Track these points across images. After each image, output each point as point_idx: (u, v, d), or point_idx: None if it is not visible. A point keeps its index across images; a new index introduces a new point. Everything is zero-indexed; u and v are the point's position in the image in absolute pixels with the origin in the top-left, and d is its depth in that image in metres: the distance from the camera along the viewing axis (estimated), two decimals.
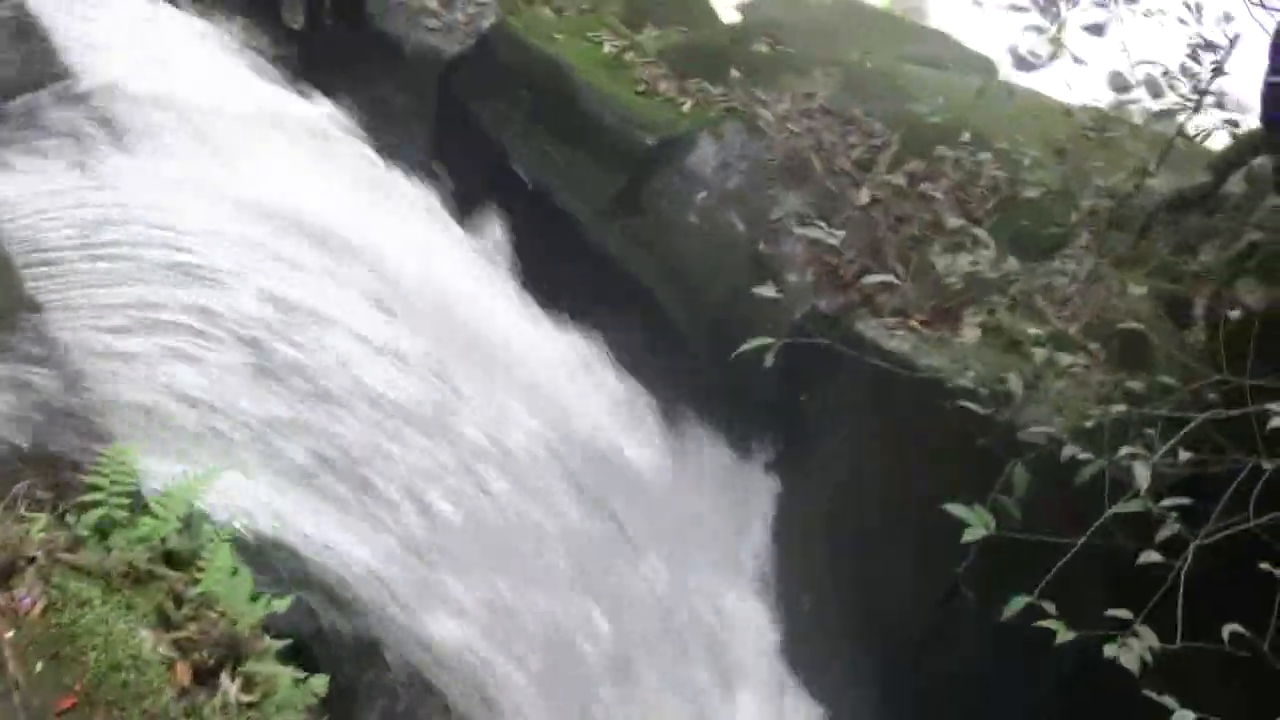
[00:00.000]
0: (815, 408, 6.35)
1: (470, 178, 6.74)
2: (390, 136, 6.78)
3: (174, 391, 3.97)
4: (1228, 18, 4.81)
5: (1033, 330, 5.04)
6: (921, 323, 6.13)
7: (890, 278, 4.74)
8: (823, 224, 4.46)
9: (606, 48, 6.86)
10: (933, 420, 5.36)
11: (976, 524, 2.90)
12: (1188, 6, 5.15)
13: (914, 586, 5.81)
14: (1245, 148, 5.74)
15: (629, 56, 6.84)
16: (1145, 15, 6.77)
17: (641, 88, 6.74)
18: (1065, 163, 7.25)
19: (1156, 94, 14.68)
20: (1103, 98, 15.27)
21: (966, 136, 6.97)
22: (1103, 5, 5.30)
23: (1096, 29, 16.45)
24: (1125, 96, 15.50)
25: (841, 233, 4.35)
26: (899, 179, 7.07)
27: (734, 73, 7.31)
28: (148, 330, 4.05)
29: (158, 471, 3.54)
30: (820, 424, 6.36)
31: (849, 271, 6.43)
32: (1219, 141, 6.03)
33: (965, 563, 3.33)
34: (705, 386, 6.49)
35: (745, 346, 3.54)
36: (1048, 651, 3.18)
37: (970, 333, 4.58)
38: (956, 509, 2.99)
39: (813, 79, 7.44)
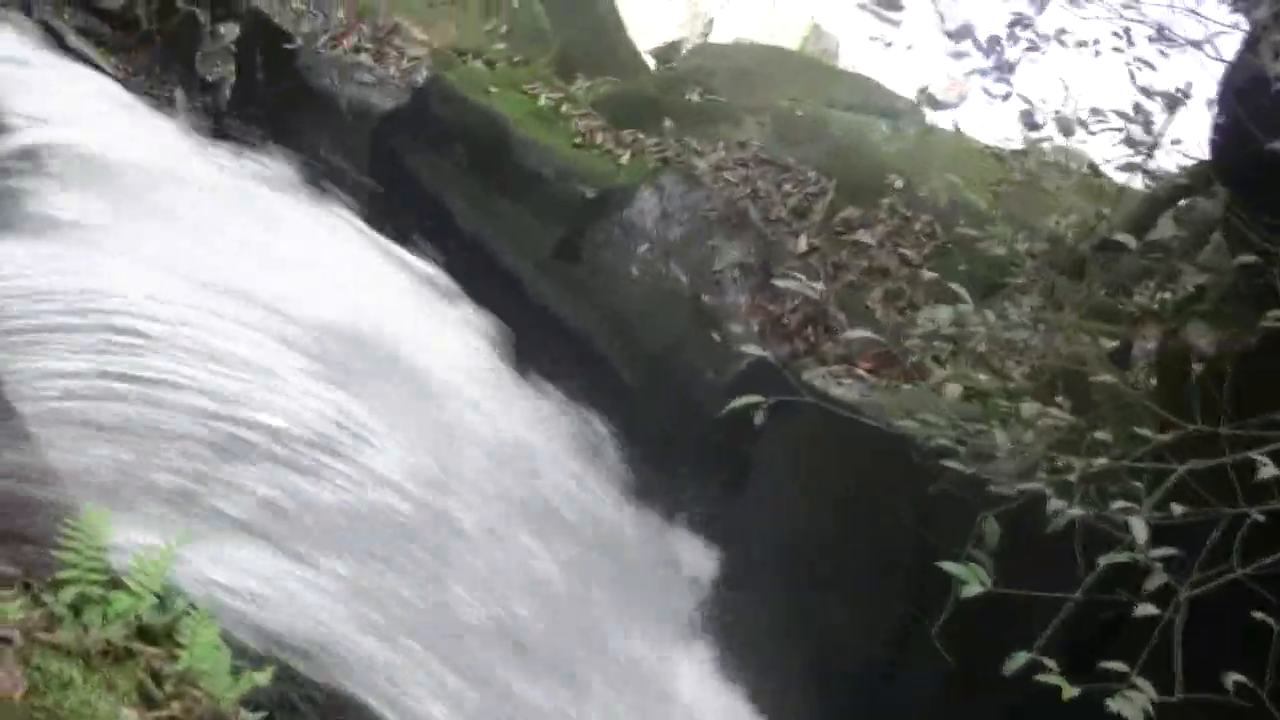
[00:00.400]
0: (762, 453, 6.30)
1: (407, 233, 6.63)
2: (324, 190, 6.66)
3: (132, 459, 3.86)
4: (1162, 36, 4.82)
5: (983, 376, 5.03)
6: (867, 370, 6.11)
7: (868, 332, 4.67)
8: (800, 276, 4.41)
9: (542, 100, 6.86)
10: (882, 465, 5.37)
11: (971, 581, 2.88)
12: (1117, 35, 5.18)
13: (869, 627, 5.77)
14: (1173, 190, 5.80)
15: (565, 108, 6.82)
16: (1079, 46, 6.81)
17: (578, 140, 6.74)
18: (999, 206, 7.28)
19: (1067, 132, 14.90)
20: (1015, 137, 15.52)
21: (899, 182, 6.99)
22: (1034, 48, 5.22)
23: (1007, 68, 16.67)
24: (1035, 135, 15.71)
25: (820, 285, 4.29)
26: (836, 226, 7.04)
27: (667, 122, 7.34)
28: (103, 398, 3.94)
29: (124, 542, 3.45)
30: (768, 469, 6.33)
31: (793, 320, 6.41)
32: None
33: (941, 619, 3.29)
34: (649, 435, 6.40)
35: (734, 404, 3.49)
36: (998, 690, 3.17)
37: (951, 389, 4.55)
38: (951, 567, 2.96)
39: (745, 127, 7.47)
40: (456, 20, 7.58)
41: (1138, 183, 6.22)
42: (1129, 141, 6.10)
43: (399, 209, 6.75)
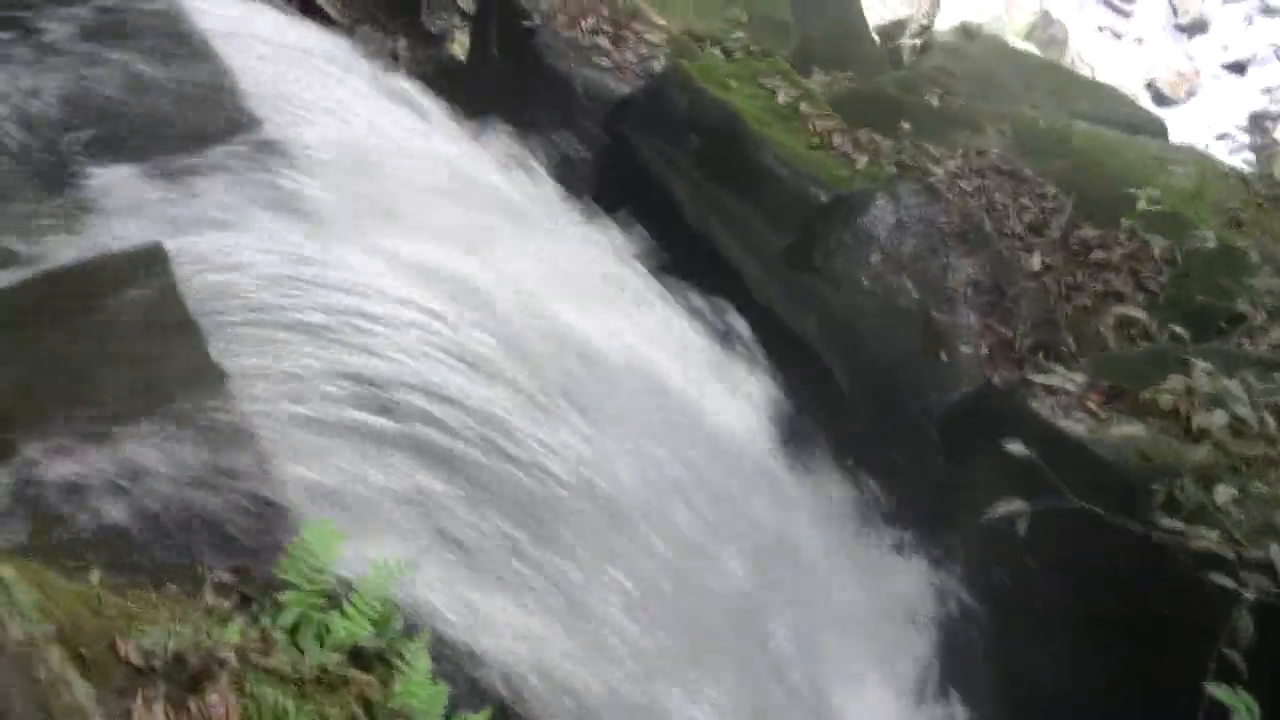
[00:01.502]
0: (977, 484, 6.11)
1: (635, 220, 6.52)
2: (559, 175, 6.58)
3: (359, 471, 3.80)
4: None
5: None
6: (1097, 402, 5.88)
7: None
8: (1059, 368, 4.21)
9: (780, 97, 6.70)
10: (1108, 505, 5.14)
11: (1239, 710, 2.70)
12: None
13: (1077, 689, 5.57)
14: None
15: (803, 107, 6.63)
16: None
17: (816, 141, 6.56)
18: (1242, 234, 6.98)
19: None
20: (1241, 137, 15.05)
21: (1142, 204, 6.71)
22: None
23: (1238, 68, 16.13)
24: (1264, 139, 15.24)
25: (1082, 377, 4.09)
26: (1072, 245, 6.80)
27: (904, 125, 7.12)
28: (336, 403, 3.88)
29: (348, 557, 3.39)
30: (981, 502, 6.12)
31: (1023, 345, 6.19)
32: None
33: None
34: (865, 455, 6.24)
35: (997, 510, 3.32)
36: None
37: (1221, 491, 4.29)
38: (1218, 691, 2.78)
39: (985, 134, 7.24)
40: (694, 5, 7.40)
41: None
42: None
43: (626, 196, 6.57)
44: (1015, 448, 3.81)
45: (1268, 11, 14.01)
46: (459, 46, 10.23)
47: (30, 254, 4.29)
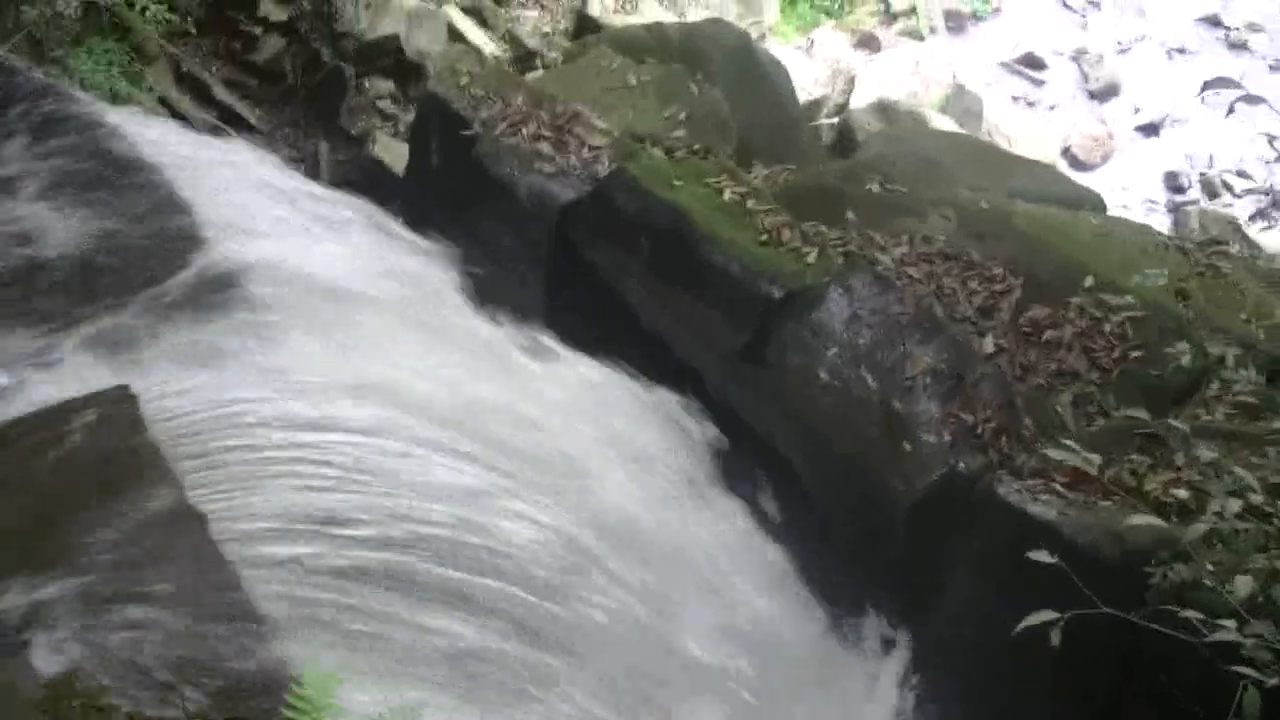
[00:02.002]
0: (945, 568, 6.07)
1: (586, 327, 6.48)
2: (505, 285, 6.54)
3: (351, 607, 3.71)
4: None
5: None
6: (1064, 484, 5.87)
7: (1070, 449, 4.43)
8: (1069, 442, 4.19)
9: (726, 194, 6.71)
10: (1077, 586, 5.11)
11: None
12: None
13: None
14: None
15: (750, 204, 6.63)
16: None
17: (764, 237, 6.54)
18: (1189, 306, 7.02)
19: (1213, 194, 14.56)
20: (1158, 198, 15.22)
21: (1090, 281, 6.75)
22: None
23: (1151, 129, 16.36)
24: (1182, 198, 15.44)
25: (1096, 457, 4.07)
26: (1023, 326, 6.82)
27: (849, 215, 7.12)
28: (320, 540, 3.79)
29: (347, 704, 3.29)
30: (952, 586, 6.09)
31: (986, 430, 6.19)
32: None
33: None
34: (830, 546, 6.20)
35: (1028, 621, 3.27)
36: None
37: (1241, 583, 4.25)
38: None
39: (929, 220, 7.25)
40: (634, 105, 7.40)
41: None
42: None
43: (577, 303, 6.54)
44: (1041, 556, 3.72)
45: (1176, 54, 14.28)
46: (380, 149, 10.22)
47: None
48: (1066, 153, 14.31)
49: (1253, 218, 13.92)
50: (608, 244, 6.66)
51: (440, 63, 7.20)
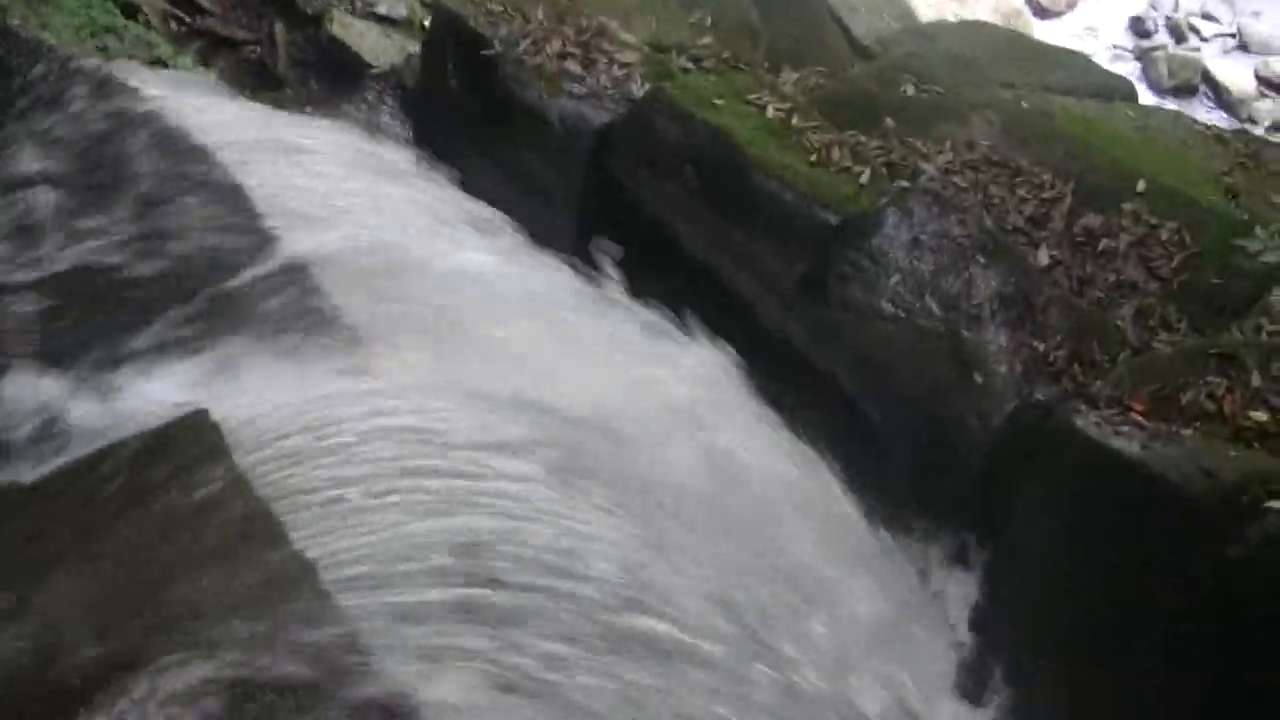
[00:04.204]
0: (1023, 505, 5.85)
1: (628, 260, 6.11)
2: (544, 219, 6.15)
3: (489, 658, 3.40)
4: None
5: None
6: (1140, 412, 5.63)
7: None
8: None
9: (770, 111, 6.32)
10: (1166, 523, 5.08)
11: None
12: None
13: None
14: None
15: (795, 121, 6.25)
16: None
17: (813, 157, 6.17)
18: (1239, 204, 6.78)
19: (1180, 38, 14.34)
20: (1125, 44, 14.99)
21: (1142, 185, 6.47)
22: None
23: None
24: (1148, 43, 15.21)
25: None
26: (1077, 235, 6.55)
27: (888, 121, 6.77)
28: (442, 581, 3.46)
29: None
30: (1024, 524, 5.87)
31: (1058, 358, 5.92)
32: None
33: None
34: (899, 485, 5.94)
35: None
36: None
37: None
38: None
39: (970, 125, 6.92)
40: (656, 13, 6.97)
41: None
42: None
43: (620, 237, 6.16)
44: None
45: None
46: (338, 27, 9.72)
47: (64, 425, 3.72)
48: (1032, 1, 14.00)
49: None
50: (649, 172, 6.30)
51: None
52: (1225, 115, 12.97)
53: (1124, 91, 7.91)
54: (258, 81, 9.59)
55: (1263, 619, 4.72)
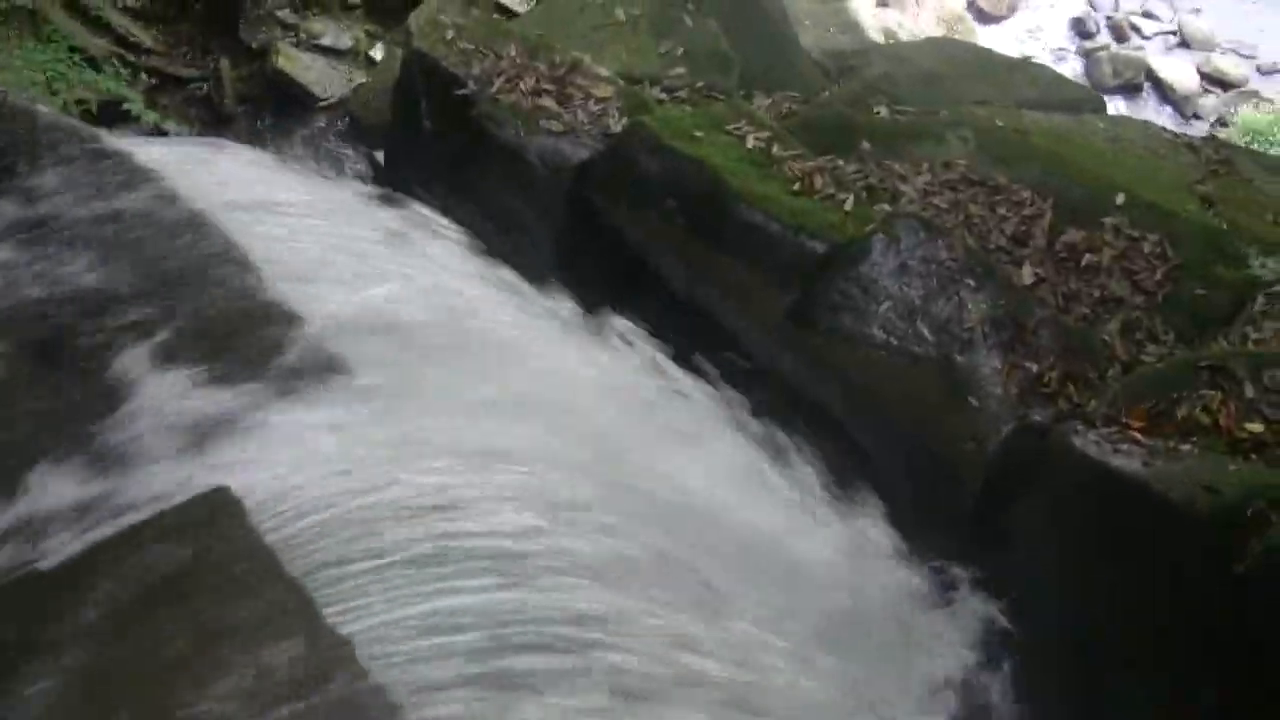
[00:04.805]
0: (1021, 527, 5.81)
1: (609, 296, 6.06)
2: (524, 256, 6.08)
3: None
4: None
5: None
6: (1138, 428, 5.62)
7: None
8: None
9: (749, 142, 6.27)
10: (1171, 540, 5.09)
11: None
12: None
13: None
14: None
15: (775, 150, 6.21)
16: None
17: (796, 186, 6.13)
18: (1216, 213, 6.80)
19: (1121, 38, 14.44)
20: (1068, 45, 15.07)
21: (1121, 199, 6.48)
22: None
23: None
24: (1091, 43, 15.29)
25: None
26: (1059, 252, 6.55)
27: (864, 145, 6.75)
28: (484, 651, 3.39)
29: None
30: (1028, 546, 5.84)
31: (1053, 378, 5.90)
32: None
33: None
34: (895, 512, 5.90)
35: None
36: None
37: None
38: None
39: (946, 144, 6.91)
40: (626, 44, 6.90)
41: None
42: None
43: (602, 273, 6.10)
44: None
45: None
46: (284, 60, 9.66)
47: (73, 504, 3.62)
48: (972, 6, 14.09)
49: None
50: (630, 207, 6.24)
51: (422, 15, 6.56)
52: (1172, 111, 12.98)
53: (1093, 103, 7.88)
54: (205, 117, 9.47)
55: (1272, 634, 4.68)
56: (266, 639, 3.24)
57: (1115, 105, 11.60)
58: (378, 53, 9.82)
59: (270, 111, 9.59)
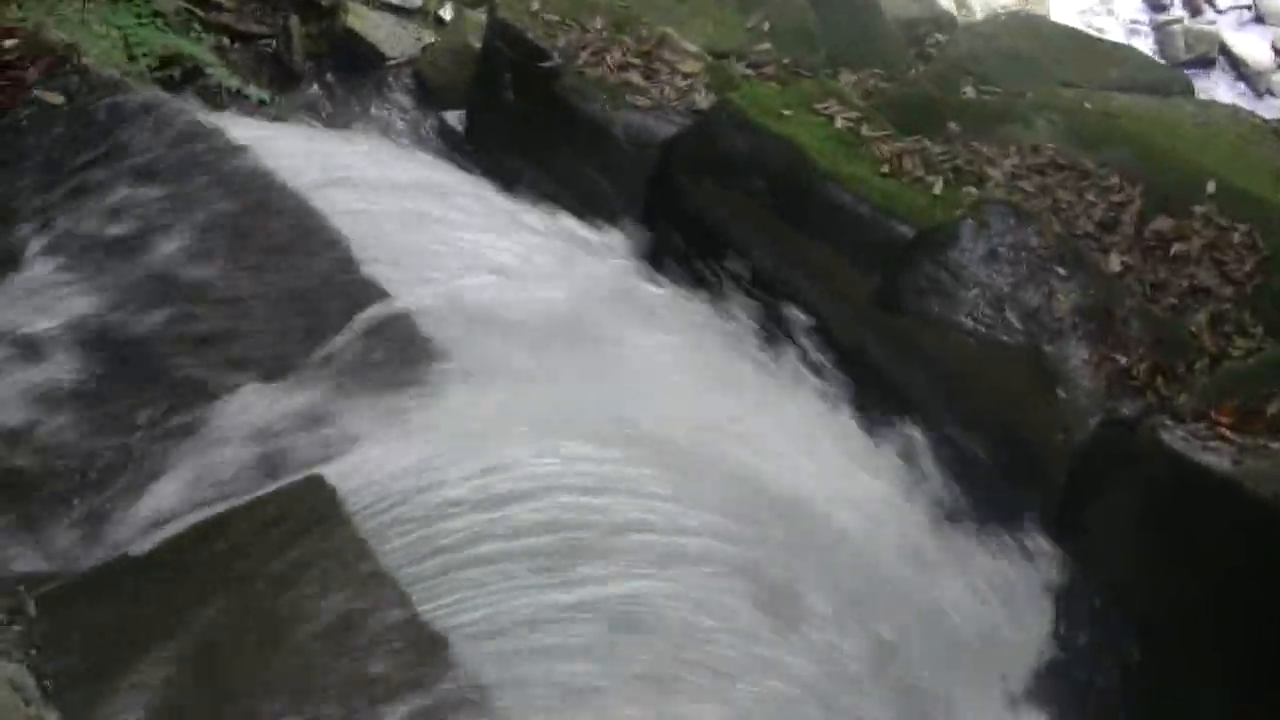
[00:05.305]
0: (1104, 521, 5.73)
1: (695, 274, 5.99)
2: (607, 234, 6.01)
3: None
4: None
5: None
6: (1226, 425, 5.53)
7: None
8: None
9: (838, 121, 6.18)
10: (1255, 542, 5.07)
11: None
12: None
13: None
14: None
15: (864, 130, 6.11)
16: None
17: (885, 167, 6.02)
18: None
19: (1195, 11, 14.20)
20: (1140, 18, 14.89)
21: (1212, 187, 6.35)
22: None
23: None
24: (1164, 17, 15.07)
25: None
26: (1148, 240, 6.43)
27: (951, 125, 6.64)
28: (591, 655, 3.34)
29: None
30: (1108, 541, 5.76)
31: (1141, 371, 5.80)
32: None
33: None
34: (986, 508, 5.82)
35: None
36: None
37: None
38: None
39: (1034, 127, 6.79)
40: (713, 17, 6.81)
41: None
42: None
43: (690, 251, 6.02)
44: None
45: None
46: (353, 18, 9.59)
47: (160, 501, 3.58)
48: None
49: None
50: (717, 185, 6.16)
51: None
52: (1245, 88, 12.80)
53: (1181, 85, 7.74)
54: (273, 75, 9.41)
55: None
56: (359, 635, 3.19)
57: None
58: (447, 12, 9.71)
59: (339, 70, 9.50)
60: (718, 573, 3.71)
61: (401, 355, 4.06)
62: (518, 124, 6.74)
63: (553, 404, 4.16)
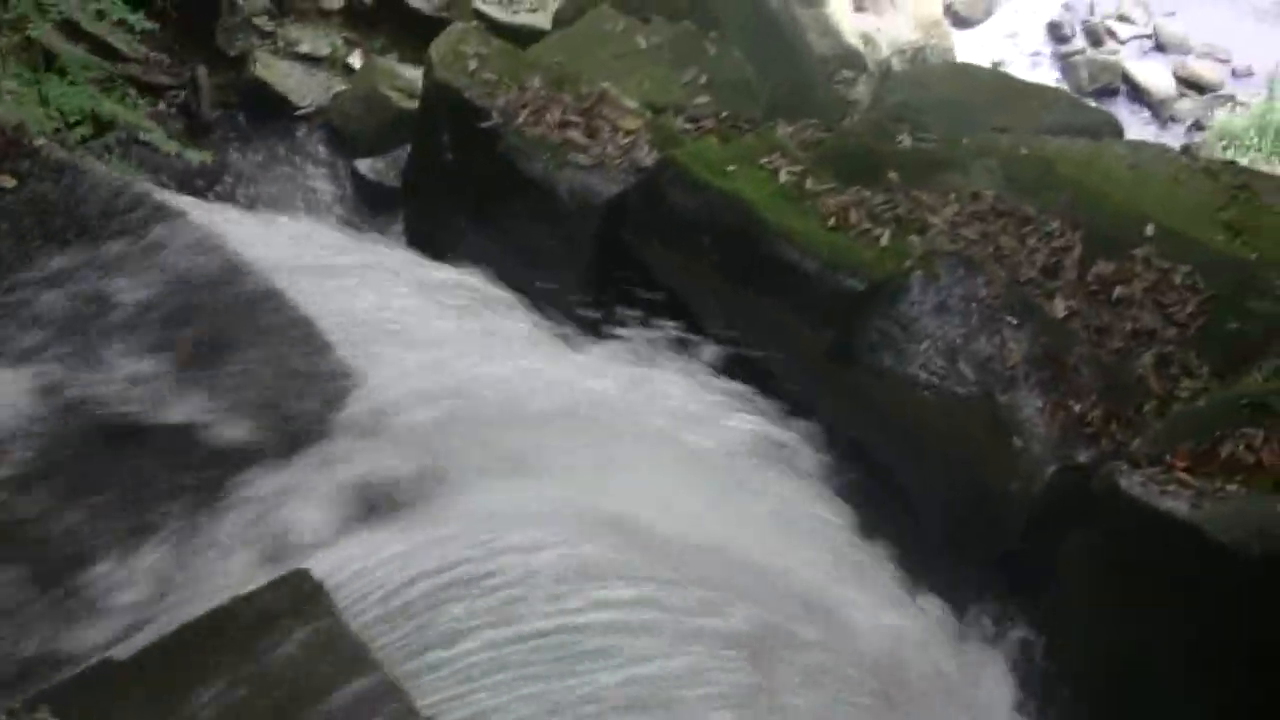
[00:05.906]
0: (1064, 568, 5.74)
1: (643, 334, 5.93)
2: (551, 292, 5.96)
3: None
4: None
5: None
6: (1182, 468, 5.55)
7: None
8: None
9: (782, 175, 6.15)
10: (1217, 586, 5.08)
11: None
12: None
13: None
14: None
15: (808, 184, 6.09)
16: None
17: (831, 221, 6.03)
18: (1243, 241, 6.75)
19: (1097, 42, 14.43)
20: (1044, 50, 15.09)
21: (1150, 229, 6.40)
22: None
23: None
24: (1067, 48, 15.29)
25: None
26: (1091, 284, 6.47)
27: (891, 175, 6.65)
28: None
29: None
30: (1068, 590, 5.77)
31: (1095, 418, 5.82)
32: None
33: None
34: (937, 555, 5.81)
35: None
36: None
37: None
38: None
39: (971, 173, 6.81)
40: (649, 73, 6.77)
41: None
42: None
43: (634, 310, 5.97)
44: None
45: None
46: (262, 68, 9.54)
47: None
48: (949, 10, 14.02)
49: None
50: (664, 244, 6.11)
51: (443, 45, 6.40)
52: (1149, 116, 12.98)
53: (1111, 128, 7.81)
54: (183, 127, 9.31)
55: None
56: None
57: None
58: (355, 60, 9.69)
59: (250, 120, 9.45)
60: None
61: (379, 443, 3.95)
62: (459, 185, 6.63)
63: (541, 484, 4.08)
